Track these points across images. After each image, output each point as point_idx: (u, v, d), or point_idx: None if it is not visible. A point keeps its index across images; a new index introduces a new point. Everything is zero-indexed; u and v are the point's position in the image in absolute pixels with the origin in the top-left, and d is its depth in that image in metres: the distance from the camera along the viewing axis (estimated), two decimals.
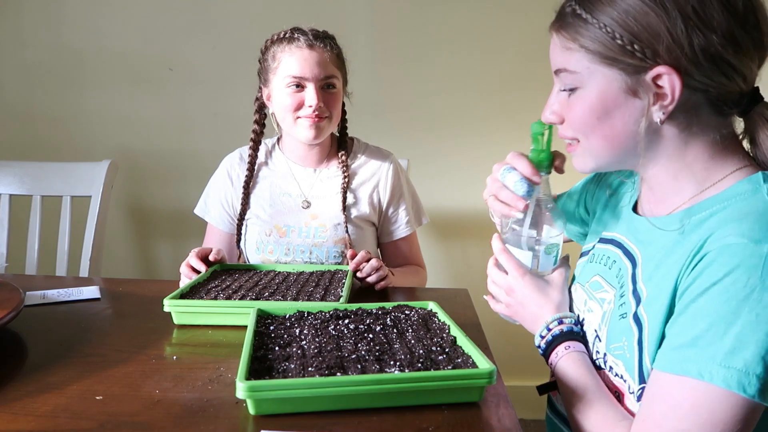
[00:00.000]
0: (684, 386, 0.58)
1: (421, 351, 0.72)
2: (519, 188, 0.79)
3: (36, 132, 2.04)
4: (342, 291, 1.03)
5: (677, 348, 0.60)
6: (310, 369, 0.66)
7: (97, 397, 0.69)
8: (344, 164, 1.36)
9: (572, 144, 0.75)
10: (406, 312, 0.89)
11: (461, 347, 0.75)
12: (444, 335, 0.79)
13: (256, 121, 1.37)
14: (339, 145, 1.40)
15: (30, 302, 1.05)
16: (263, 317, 0.87)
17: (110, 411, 0.66)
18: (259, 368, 0.68)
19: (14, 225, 1.63)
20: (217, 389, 0.72)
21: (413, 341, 0.76)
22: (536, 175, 0.79)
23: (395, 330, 0.81)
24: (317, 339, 0.77)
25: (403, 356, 0.70)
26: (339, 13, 1.93)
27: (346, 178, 1.35)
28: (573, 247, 1.03)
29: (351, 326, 0.82)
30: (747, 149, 0.71)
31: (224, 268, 1.22)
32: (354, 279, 1.17)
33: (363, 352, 0.72)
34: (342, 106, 1.35)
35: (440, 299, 0.95)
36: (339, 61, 1.30)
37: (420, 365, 0.68)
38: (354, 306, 0.91)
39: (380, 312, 0.89)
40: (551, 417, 0.87)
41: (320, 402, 0.64)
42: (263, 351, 0.73)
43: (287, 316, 0.87)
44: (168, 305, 0.94)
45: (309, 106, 1.25)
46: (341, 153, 1.38)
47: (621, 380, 0.70)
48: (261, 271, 1.21)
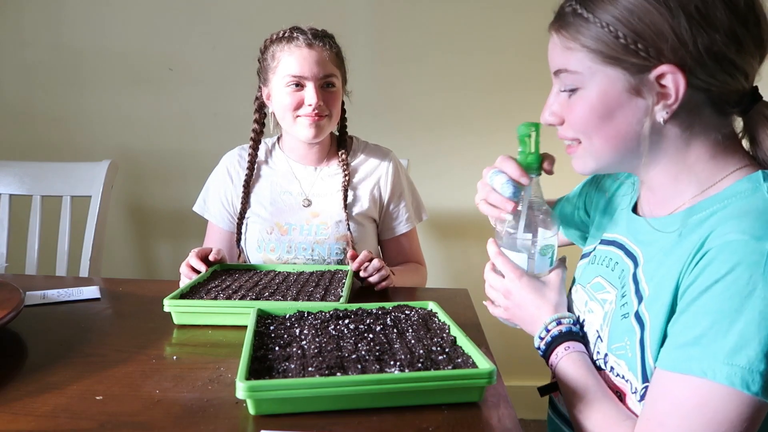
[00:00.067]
0: (688, 385, 0.58)
1: (421, 351, 0.72)
2: (506, 190, 0.80)
3: (36, 132, 2.04)
4: (342, 291, 1.03)
5: (680, 347, 0.60)
6: (310, 369, 0.66)
7: (97, 397, 0.69)
8: (344, 162, 1.37)
9: (572, 145, 0.75)
10: (406, 312, 0.89)
11: (461, 347, 0.75)
12: (444, 335, 0.79)
13: (256, 121, 1.38)
14: (339, 144, 1.40)
15: (30, 302, 1.05)
16: (263, 317, 0.87)
17: (110, 411, 0.66)
18: (259, 368, 0.68)
19: (14, 225, 1.63)
20: (217, 389, 0.72)
21: (413, 341, 0.76)
22: (524, 177, 0.79)
23: (395, 330, 0.81)
24: (317, 339, 0.77)
25: (403, 356, 0.70)
26: (339, 13, 1.93)
27: (347, 176, 1.35)
28: (574, 249, 1.03)
29: (351, 326, 0.82)
30: (746, 149, 0.71)
31: (224, 268, 1.22)
32: (355, 279, 1.17)
33: (363, 352, 0.72)
34: (341, 105, 1.35)
35: (440, 299, 0.95)
36: (338, 60, 1.31)
37: (420, 365, 0.68)
38: (354, 306, 0.91)
39: (380, 312, 0.89)
40: (553, 417, 0.87)
41: (320, 402, 0.64)
42: (263, 351, 0.73)
43: (287, 316, 0.87)
44: (168, 305, 0.94)
45: (309, 105, 1.25)
46: (341, 151, 1.38)
47: (623, 380, 0.70)
48: (261, 271, 1.21)
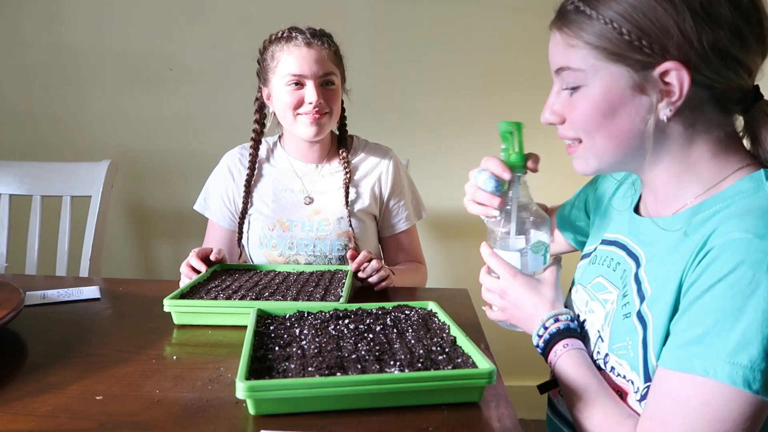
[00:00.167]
0: (690, 383, 0.58)
1: (421, 351, 0.72)
2: (488, 185, 0.81)
3: (36, 132, 2.04)
4: (342, 291, 1.03)
5: (683, 345, 0.60)
6: (310, 369, 0.66)
7: (97, 397, 0.69)
8: (345, 160, 1.38)
9: (573, 145, 0.74)
10: (406, 312, 0.89)
11: (461, 347, 0.75)
12: (444, 335, 0.79)
13: (257, 121, 1.38)
14: (339, 142, 1.41)
15: (30, 302, 1.05)
16: (263, 317, 0.87)
17: (110, 411, 0.66)
18: (259, 368, 0.68)
19: (14, 225, 1.63)
20: (217, 389, 0.72)
21: (413, 341, 0.76)
22: (506, 171, 0.80)
23: (395, 330, 0.81)
24: (317, 339, 0.77)
25: (403, 356, 0.70)
26: (339, 13, 1.93)
27: (348, 174, 1.36)
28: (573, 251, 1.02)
29: (351, 326, 0.81)
30: (747, 148, 0.71)
31: (224, 268, 1.22)
32: (354, 279, 1.17)
33: (363, 352, 0.72)
34: (341, 104, 1.36)
35: (440, 299, 0.95)
36: (337, 59, 1.32)
37: (420, 365, 0.68)
38: (354, 306, 0.91)
39: (380, 312, 0.89)
40: (552, 418, 0.87)
41: (320, 402, 0.64)
42: (263, 351, 0.73)
43: (287, 316, 0.87)
44: (168, 305, 0.94)
45: (309, 103, 1.26)
46: (342, 149, 1.39)
47: (624, 380, 0.70)
48: (261, 271, 1.21)
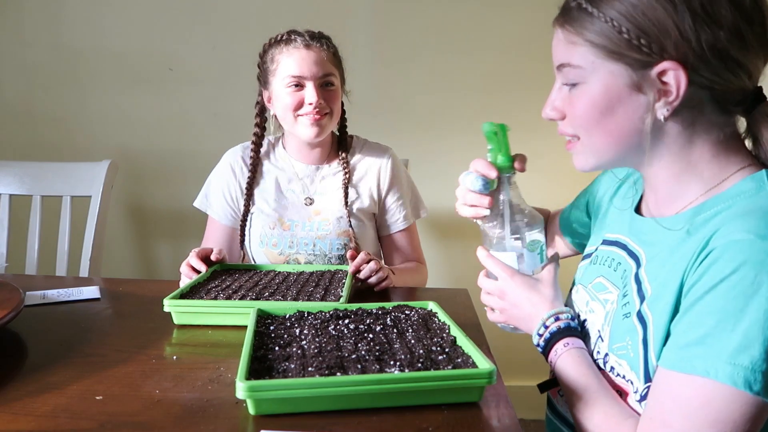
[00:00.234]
0: (691, 384, 0.58)
1: (421, 351, 0.72)
2: (476, 184, 0.81)
3: (36, 132, 2.04)
4: (342, 291, 1.03)
5: (684, 346, 0.60)
6: (310, 369, 0.66)
7: (97, 397, 0.69)
8: (344, 161, 1.39)
9: (572, 141, 0.75)
10: (406, 312, 0.89)
11: (461, 347, 0.75)
12: (444, 335, 0.79)
13: (257, 124, 1.40)
14: (339, 144, 1.42)
15: (30, 302, 1.05)
16: (263, 317, 0.87)
17: (110, 411, 0.66)
18: (259, 368, 0.68)
19: (14, 225, 1.63)
20: (217, 389, 0.72)
21: (413, 341, 0.76)
22: (491, 170, 0.80)
23: (395, 330, 0.81)
24: (317, 339, 0.77)
25: (403, 356, 0.70)
26: (339, 13, 1.93)
27: (347, 174, 1.37)
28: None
29: (351, 326, 0.81)
30: (749, 148, 0.71)
31: (224, 268, 1.22)
32: (353, 280, 1.17)
33: (363, 352, 0.72)
34: (341, 105, 1.37)
35: (440, 299, 0.95)
36: (336, 60, 1.33)
37: (420, 365, 0.68)
38: (354, 306, 0.91)
39: (380, 312, 0.89)
40: (551, 418, 0.87)
41: (320, 402, 0.64)
42: (263, 351, 0.73)
43: (287, 316, 0.87)
44: (168, 305, 0.94)
45: (309, 104, 1.26)
46: (341, 150, 1.40)
47: (623, 380, 0.70)
48: (261, 271, 1.21)
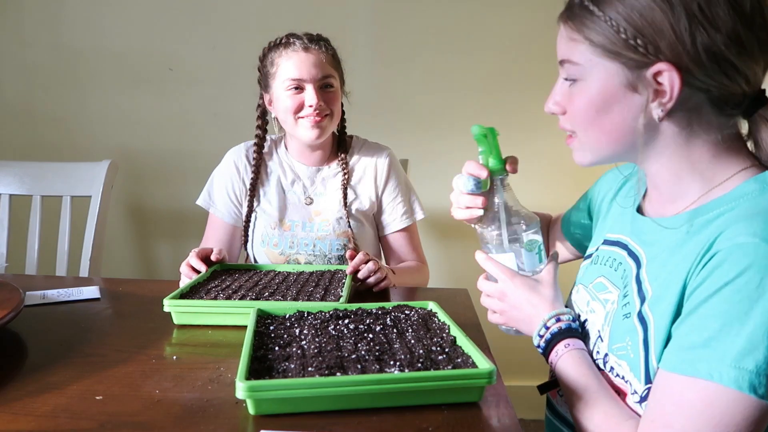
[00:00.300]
0: (694, 387, 0.58)
1: (421, 351, 0.72)
2: (468, 184, 0.82)
3: (36, 132, 2.04)
4: (342, 291, 1.03)
5: (687, 348, 0.60)
6: (310, 369, 0.66)
7: (97, 397, 0.69)
8: (344, 161, 1.40)
9: (571, 136, 0.75)
10: (406, 312, 0.89)
11: (461, 347, 0.75)
12: (444, 335, 0.79)
13: (259, 126, 1.41)
14: (339, 144, 1.43)
15: (30, 302, 1.05)
16: (263, 317, 0.87)
17: (110, 411, 0.66)
18: (259, 368, 0.68)
19: (14, 225, 1.63)
20: (217, 389, 0.72)
21: (413, 341, 0.76)
22: (482, 170, 0.82)
23: (395, 330, 0.81)
24: (317, 339, 0.77)
25: (403, 356, 0.70)
26: (339, 14, 1.93)
27: (346, 175, 1.38)
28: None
29: (351, 326, 0.82)
30: (751, 149, 0.71)
31: (224, 268, 1.22)
32: (352, 281, 1.17)
33: (363, 352, 0.72)
34: (341, 106, 1.37)
35: (440, 299, 0.95)
36: (335, 62, 1.34)
37: (420, 365, 0.68)
38: (354, 306, 0.91)
39: (380, 312, 0.89)
40: (550, 418, 0.87)
41: (320, 402, 0.64)
42: (263, 351, 0.73)
43: (287, 316, 0.87)
44: (168, 305, 0.94)
45: (309, 106, 1.27)
46: (341, 151, 1.41)
47: (622, 381, 0.70)
48: (261, 271, 1.21)
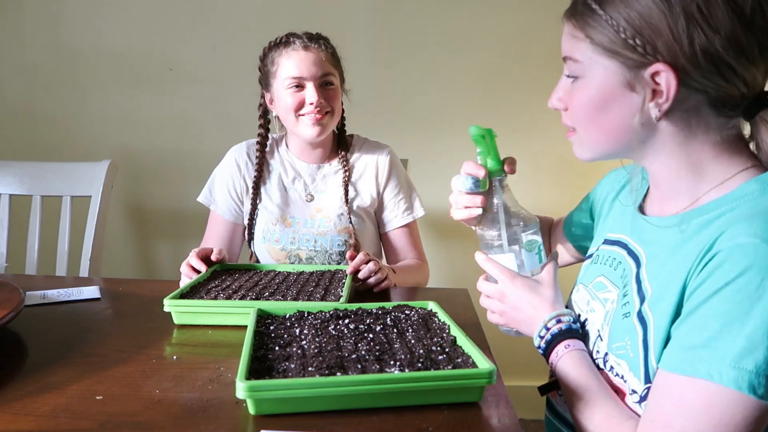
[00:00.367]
0: (694, 387, 0.58)
1: (421, 351, 0.72)
2: (466, 183, 0.83)
3: (36, 132, 2.04)
4: (342, 291, 1.03)
5: (687, 349, 0.60)
6: (310, 369, 0.66)
7: (97, 397, 0.69)
8: (344, 159, 1.41)
9: (571, 131, 0.76)
10: (406, 312, 0.89)
11: (461, 347, 0.75)
12: (444, 335, 0.79)
13: (261, 125, 1.42)
14: (339, 142, 1.44)
15: (30, 302, 1.05)
16: (263, 317, 0.87)
17: (110, 411, 0.66)
18: (259, 368, 0.68)
19: (14, 225, 1.63)
20: (217, 389, 0.72)
21: (413, 341, 0.76)
22: (480, 169, 0.83)
23: (395, 330, 0.81)
24: (317, 339, 0.77)
25: (403, 356, 0.70)
26: (339, 13, 1.93)
27: (347, 172, 1.40)
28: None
29: (351, 326, 0.82)
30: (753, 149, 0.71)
31: (224, 268, 1.22)
32: (353, 281, 1.17)
33: (363, 352, 0.72)
34: (341, 105, 1.39)
35: (440, 299, 0.95)
36: (334, 60, 1.35)
37: (420, 365, 0.68)
38: (354, 306, 0.91)
39: (380, 312, 0.89)
40: (550, 418, 0.87)
41: (320, 402, 0.64)
42: (263, 351, 0.73)
43: (287, 316, 0.87)
44: (168, 305, 0.94)
45: (310, 104, 1.29)
46: (341, 149, 1.43)
47: (621, 380, 0.70)
48: (261, 271, 1.21)
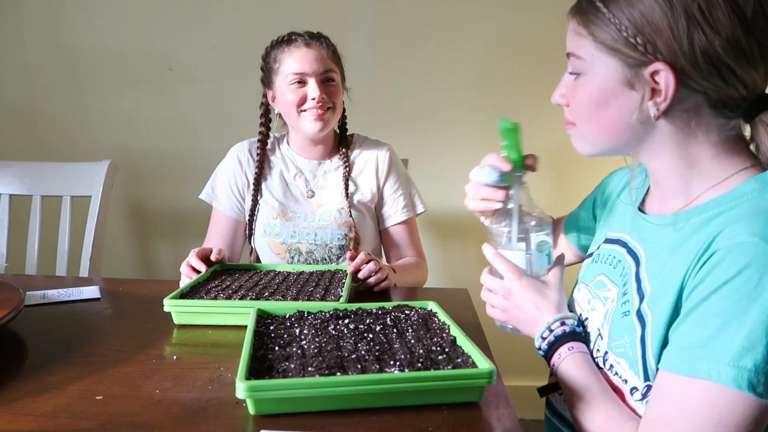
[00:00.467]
0: (694, 387, 0.58)
1: (421, 351, 0.72)
2: (492, 175, 0.82)
3: (36, 132, 2.04)
4: (342, 291, 1.03)
5: (687, 348, 0.60)
6: (310, 369, 0.66)
7: (97, 397, 0.69)
8: (345, 155, 1.43)
9: (570, 125, 0.77)
10: (406, 312, 0.89)
11: (461, 347, 0.75)
12: (444, 335, 0.79)
13: (262, 123, 1.43)
14: (340, 140, 1.46)
15: (30, 302, 1.05)
16: (263, 317, 0.87)
17: (110, 411, 0.66)
18: (259, 368, 0.68)
19: (14, 225, 1.63)
20: (217, 389, 0.72)
21: (413, 341, 0.76)
22: (505, 163, 0.81)
23: (395, 330, 0.81)
24: (317, 339, 0.77)
25: (403, 356, 0.70)
26: (339, 13, 1.93)
27: (347, 168, 1.42)
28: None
29: (351, 326, 0.81)
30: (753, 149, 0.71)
31: (224, 268, 1.22)
32: (353, 281, 1.17)
33: (363, 352, 0.72)
34: (342, 102, 1.40)
35: (440, 299, 0.95)
36: (335, 57, 1.37)
37: (420, 365, 0.68)
38: (354, 306, 0.91)
39: (380, 312, 0.89)
40: (550, 418, 0.87)
41: (320, 402, 0.64)
42: (263, 351, 0.73)
43: (287, 316, 0.87)
44: (168, 305, 0.94)
45: (312, 99, 1.31)
46: (342, 146, 1.45)
47: (621, 380, 0.70)
48: (261, 271, 1.21)
